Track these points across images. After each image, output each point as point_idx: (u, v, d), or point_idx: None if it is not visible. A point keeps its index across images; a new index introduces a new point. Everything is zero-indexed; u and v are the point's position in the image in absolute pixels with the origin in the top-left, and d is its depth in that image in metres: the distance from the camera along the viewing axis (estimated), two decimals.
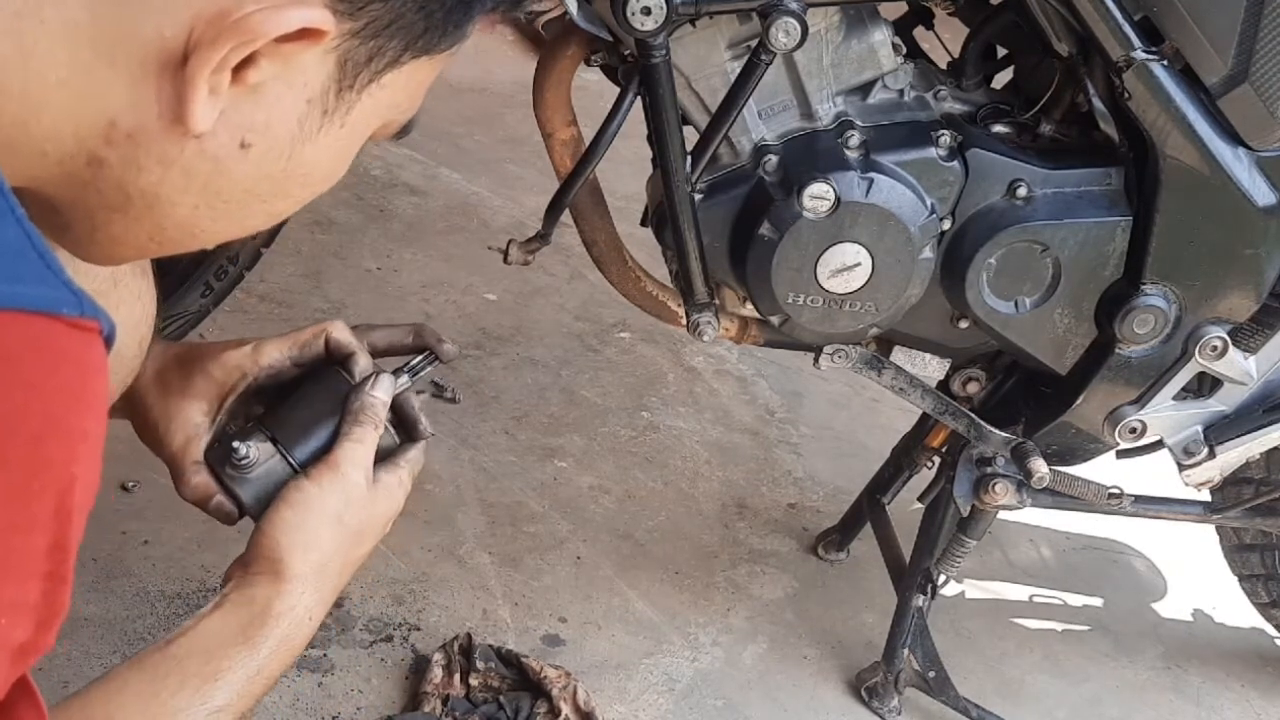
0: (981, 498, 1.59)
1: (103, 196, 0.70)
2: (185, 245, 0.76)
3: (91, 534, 1.83)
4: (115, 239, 0.74)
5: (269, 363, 1.07)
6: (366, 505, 1.00)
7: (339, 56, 0.70)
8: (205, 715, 0.89)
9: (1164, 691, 1.87)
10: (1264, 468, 1.71)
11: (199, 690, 0.89)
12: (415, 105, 0.79)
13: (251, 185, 0.73)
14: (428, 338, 1.13)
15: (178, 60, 0.65)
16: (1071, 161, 1.44)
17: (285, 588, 0.95)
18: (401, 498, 1.05)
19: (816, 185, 1.35)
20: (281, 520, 0.97)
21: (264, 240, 1.91)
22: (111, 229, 0.73)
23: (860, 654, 1.79)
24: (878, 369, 1.54)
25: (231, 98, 0.68)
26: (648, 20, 1.25)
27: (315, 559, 0.97)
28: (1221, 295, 1.45)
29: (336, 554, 0.98)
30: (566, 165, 1.45)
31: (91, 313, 0.63)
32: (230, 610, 0.94)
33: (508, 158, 3.08)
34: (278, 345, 1.08)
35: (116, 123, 0.67)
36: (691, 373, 2.40)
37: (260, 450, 1.00)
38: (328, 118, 0.72)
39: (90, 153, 0.68)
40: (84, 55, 0.65)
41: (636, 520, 1.98)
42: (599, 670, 1.68)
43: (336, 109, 0.72)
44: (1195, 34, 1.31)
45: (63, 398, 0.62)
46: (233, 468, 1.00)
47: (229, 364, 1.06)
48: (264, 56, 0.66)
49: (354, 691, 1.57)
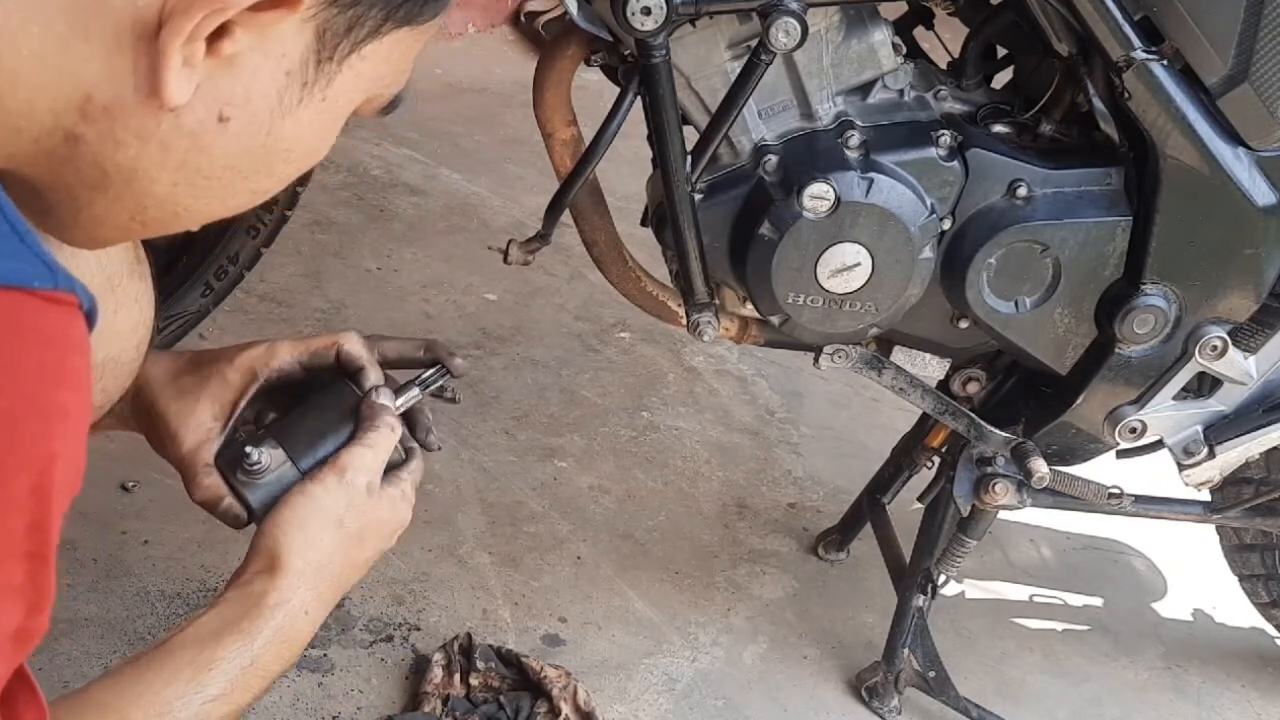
0: (981, 498, 1.59)
1: (81, 174, 0.69)
2: (169, 225, 0.75)
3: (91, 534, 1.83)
4: (97, 220, 0.73)
5: (280, 364, 1.08)
6: (368, 510, 1.01)
7: (317, 26, 0.69)
8: (200, 704, 0.89)
9: (1164, 691, 1.87)
10: (1264, 468, 1.71)
11: (194, 679, 0.90)
12: (401, 79, 0.78)
13: (232, 161, 0.72)
14: (439, 352, 1.14)
15: (152, 31, 0.64)
16: (1071, 161, 1.44)
17: (280, 581, 0.96)
18: (405, 510, 1.05)
19: (816, 185, 1.35)
20: (282, 519, 0.98)
21: (264, 240, 1.91)
22: (93, 209, 0.72)
23: (860, 654, 1.79)
24: (878, 369, 1.54)
25: (208, 70, 0.66)
26: (648, 20, 1.25)
27: (314, 557, 0.97)
28: (1221, 295, 1.45)
29: (336, 554, 0.99)
30: (566, 165, 1.45)
31: (67, 285, 0.62)
32: (227, 604, 0.95)
33: (508, 158, 3.08)
34: (290, 349, 1.09)
35: (92, 97, 0.66)
36: (691, 373, 2.40)
37: (272, 457, 1.02)
38: (307, 90, 0.71)
39: (67, 129, 0.67)
40: (58, 28, 0.64)
41: (636, 520, 1.98)
42: (599, 670, 1.68)
43: (316, 81, 0.71)
44: (1195, 34, 1.31)
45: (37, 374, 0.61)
46: (244, 473, 1.01)
47: (242, 366, 1.07)
48: (239, 26, 0.65)
49: (354, 691, 1.57)
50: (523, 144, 3.07)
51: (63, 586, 1.68)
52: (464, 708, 1.55)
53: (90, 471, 0.68)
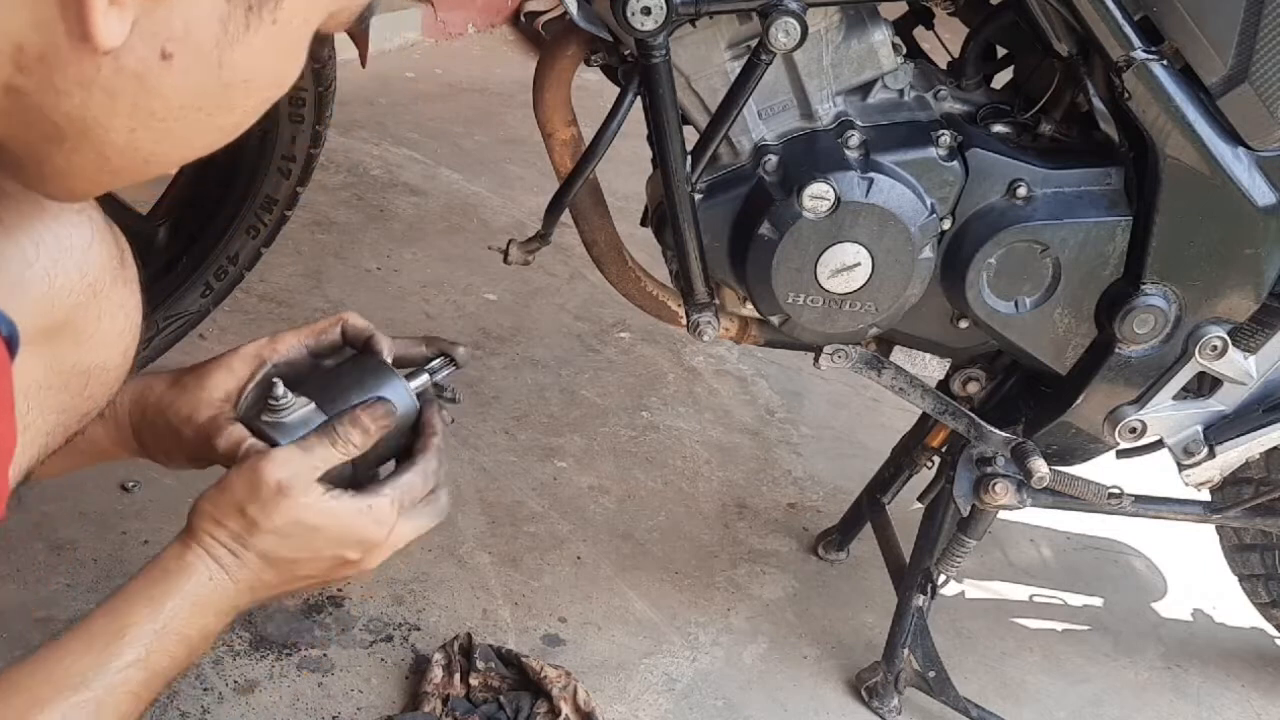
0: (981, 498, 1.59)
1: (32, 128, 0.67)
2: (141, 172, 0.73)
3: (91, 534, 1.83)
4: (63, 172, 0.71)
5: (286, 350, 1.08)
6: (278, 509, 0.97)
7: None
8: (116, 671, 0.89)
9: (1164, 691, 1.87)
10: (1264, 468, 1.71)
11: (106, 648, 0.90)
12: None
13: (186, 99, 0.68)
14: (441, 344, 1.13)
15: None
16: (1071, 161, 1.44)
17: (184, 548, 0.96)
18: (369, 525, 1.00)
19: (816, 185, 1.35)
20: (206, 492, 0.98)
21: (264, 240, 1.91)
22: (55, 162, 0.70)
23: (860, 654, 1.79)
24: (878, 369, 1.54)
25: (143, 6, 0.64)
26: (648, 20, 1.25)
27: (222, 533, 0.96)
28: (1221, 295, 1.45)
29: (249, 540, 0.97)
30: (566, 165, 1.45)
31: None
32: (137, 577, 0.96)
33: (508, 158, 3.09)
34: (295, 335, 1.08)
35: (24, 47, 0.63)
36: (691, 373, 2.40)
37: (297, 400, 1.01)
38: (254, 14, 0.67)
39: (5, 82, 0.64)
40: None
41: (636, 520, 1.98)
42: (599, 670, 1.68)
43: (264, 4, 0.67)
44: (1195, 34, 1.31)
45: None
46: (269, 411, 1.00)
47: (247, 355, 1.07)
48: None
49: (354, 691, 1.57)
50: (523, 144, 3.07)
51: (63, 586, 1.69)
52: (464, 708, 1.55)
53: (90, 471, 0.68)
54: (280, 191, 1.88)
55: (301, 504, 0.97)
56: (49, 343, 0.84)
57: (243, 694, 1.53)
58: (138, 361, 0.97)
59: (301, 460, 0.98)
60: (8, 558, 1.63)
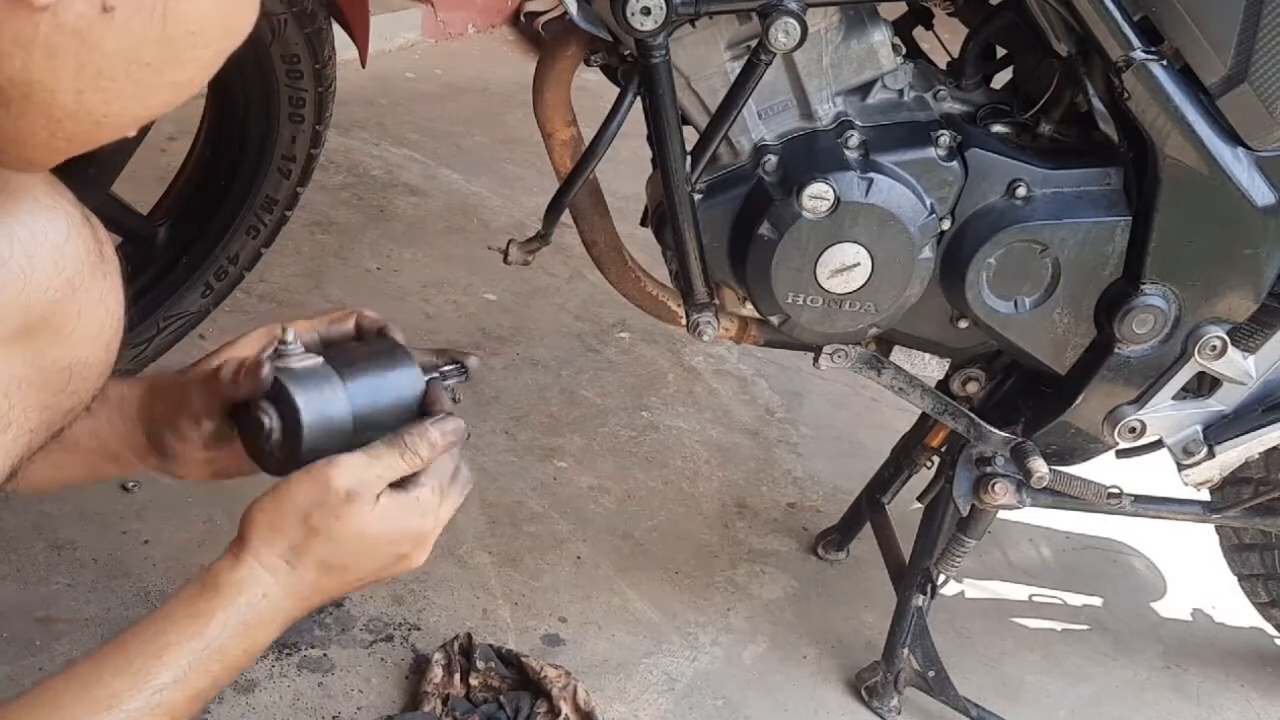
0: (981, 497, 1.59)
1: None
2: (96, 136, 0.70)
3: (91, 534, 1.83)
4: (15, 141, 0.69)
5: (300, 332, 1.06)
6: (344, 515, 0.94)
7: None
8: (150, 693, 0.86)
9: (1164, 691, 1.88)
10: (1263, 467, 1.71)
11: (143, 669, 0.86)
12: None
13: (132, 55, 0.66)
14: (453, 353, 1.12)
15: None
16: (1071, 161, 1.44)
17: (236, 561, 0.91)
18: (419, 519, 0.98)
19: (816, 185, 1.35)
20: (258, 502, 0.94)
21: (264, 240, 1.92)
22: (5, 131, 0.67)
23: (860, 654, 1.79)
24: (877, 369, 1.54)
25: None
26: (647, 20, 1.25)
27: (281, 543, 0.92)
28: (1221, 295, 1.45)
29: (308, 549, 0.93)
30: (566, 165, 1.45)
31: None
32: (185, 590, 0.91)
33: (508, 158, 3.09)
34: (308, 323, 1.05)
35: None
36: (691, 373, 2.40)
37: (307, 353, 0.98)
38: None
39: None
40: None
41: (636, 520, 1.98)
42: (599, 670, 1.68)
43: None
44: (1195, 34, 1.31)
45: None
46: (278, 356, 0.97)
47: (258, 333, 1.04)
48: None
49: (354, 691, 1.57)
50: (523, 144, 3.07)
51: (63, 586, 1.69)
52: (464, 707, 1.55)
53: None
54: (280, 192, 1.88)
55: (366, 512, 0.94)
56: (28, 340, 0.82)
57: (243, 694, 1.53)
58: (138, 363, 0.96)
59: (369, 469, 0.94)
60: (8, 558, 1.63)
